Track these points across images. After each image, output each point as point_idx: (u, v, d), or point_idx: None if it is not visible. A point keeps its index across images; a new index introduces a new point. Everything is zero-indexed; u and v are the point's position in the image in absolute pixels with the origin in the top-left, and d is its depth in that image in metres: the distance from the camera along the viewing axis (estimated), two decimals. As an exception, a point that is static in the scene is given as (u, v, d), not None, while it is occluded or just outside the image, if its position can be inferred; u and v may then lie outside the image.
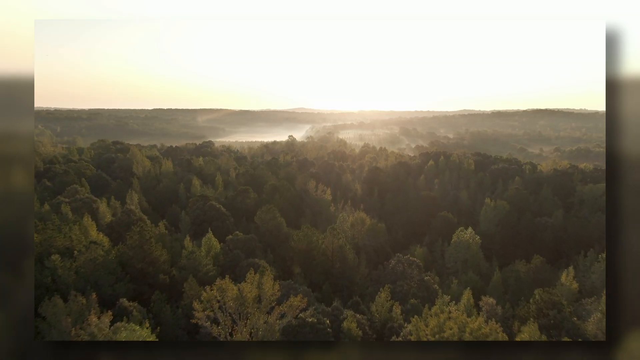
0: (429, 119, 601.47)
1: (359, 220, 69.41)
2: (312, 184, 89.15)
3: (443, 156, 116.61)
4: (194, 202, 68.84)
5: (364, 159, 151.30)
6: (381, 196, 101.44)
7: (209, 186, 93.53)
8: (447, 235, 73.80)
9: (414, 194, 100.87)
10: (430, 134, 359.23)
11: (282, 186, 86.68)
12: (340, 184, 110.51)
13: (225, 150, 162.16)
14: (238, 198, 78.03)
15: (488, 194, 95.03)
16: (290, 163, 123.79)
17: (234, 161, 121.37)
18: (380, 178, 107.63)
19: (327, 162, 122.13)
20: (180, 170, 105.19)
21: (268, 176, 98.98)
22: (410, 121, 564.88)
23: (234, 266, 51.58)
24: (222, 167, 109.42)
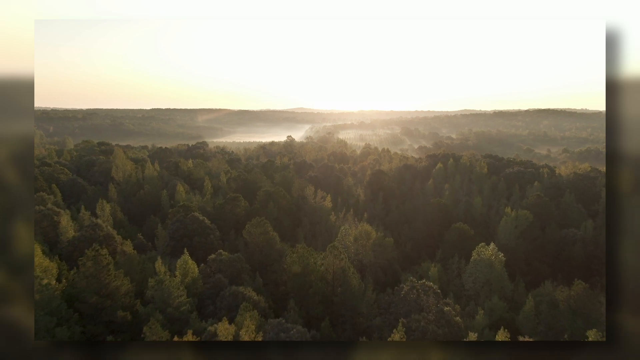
0: (430, 118, 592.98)
1: (363, 234, 60.66)
2: (310, 189, 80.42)
3: (452, 158, 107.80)
4: (173, 213, 60.06)
5: (366, 161, 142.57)
6: (386, 203, 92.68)
7: (197, 192, 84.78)
8: (462, 250, 65.15)
9: (422, 201, 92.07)
10: (433, 134, 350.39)
11: (277, 193, 77.89)
12: (341, 189, 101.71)
13: (219, 151, 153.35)
14: (226, 207, 69.25)
15: (503, 201, 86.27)
16: (288, 166, 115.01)
17: (227, 164, 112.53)
18: (384, 182, 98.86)
19: (327, 165, 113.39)
20: (167, 174, 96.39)
21: (262, 181, 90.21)
22: (412, 121, 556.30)
23: (215, 295, 42.86)
24: (213, 171, 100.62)
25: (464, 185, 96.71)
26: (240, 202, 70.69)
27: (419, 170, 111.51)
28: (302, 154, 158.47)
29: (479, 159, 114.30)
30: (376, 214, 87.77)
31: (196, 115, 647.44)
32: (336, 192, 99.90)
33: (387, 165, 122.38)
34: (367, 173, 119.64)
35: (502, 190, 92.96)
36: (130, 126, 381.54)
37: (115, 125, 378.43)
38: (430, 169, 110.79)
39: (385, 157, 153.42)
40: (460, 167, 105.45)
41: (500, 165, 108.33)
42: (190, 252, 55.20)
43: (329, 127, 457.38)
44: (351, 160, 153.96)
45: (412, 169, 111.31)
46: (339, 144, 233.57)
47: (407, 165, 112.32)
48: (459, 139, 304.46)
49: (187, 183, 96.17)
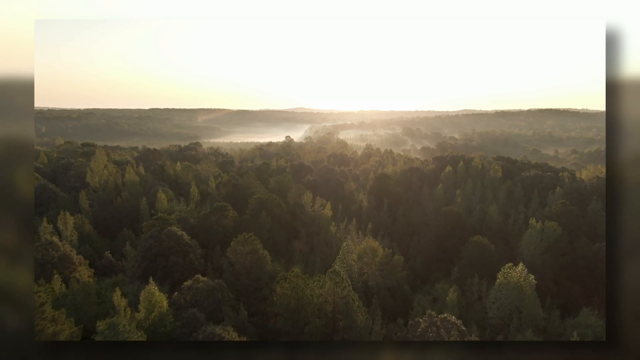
0: (432, 118, 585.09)
1: (368, 251, 52.28)
2: (308, 196, 72.02)
3: (463, 161, 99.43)
4: (147, 227, 51.65)
5: (368, 163, 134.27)
6: (392, 210, 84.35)
7: (183, 199, 76.40)
8: (481, 267, 56.93)
9: (431, 208, 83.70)
10: (436, 134, 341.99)
11: (271, 200, 69.52)
12: (342, 195, 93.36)
13: (213, 153, 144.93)
14: (212, 218, 60.87)
15: (522, 209, 77.89)
16: (284, 169, 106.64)
17: (218, 167, 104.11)
18: (389, 187, 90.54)
19: (327, 168, 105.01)
20: (151, 178, 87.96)
21: (255, 186, 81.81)
22: (413, 121, 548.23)
23: (187, 335, 34.47)
24: (202, 175, 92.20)
25: (477, 190, 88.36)
26: (228, 212, 62.30)
27: (426, 173, 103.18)
28: (300, 155, 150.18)
29: (491, 162, 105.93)
30: (381, 223, 79.41)
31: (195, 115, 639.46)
32: (336, 198, 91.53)
33: (391, 168, 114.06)
34: (370, 177, 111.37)
35: (519, 197, 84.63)
36: (125, 126, 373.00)
37: (110, 125, 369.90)
38: (439, 173, 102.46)
39: (389, 159, 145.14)
40: (471, 170, 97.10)
41: (514, 169, 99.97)
42: (164, 275, 46.94)
43: (329, 127, 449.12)
44: (352, 162, 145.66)
45: (418, 173, 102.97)
46: (339, 145, 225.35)
47: (413, 168, 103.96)
48: (462, 139, 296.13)
49: (174, 189, 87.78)
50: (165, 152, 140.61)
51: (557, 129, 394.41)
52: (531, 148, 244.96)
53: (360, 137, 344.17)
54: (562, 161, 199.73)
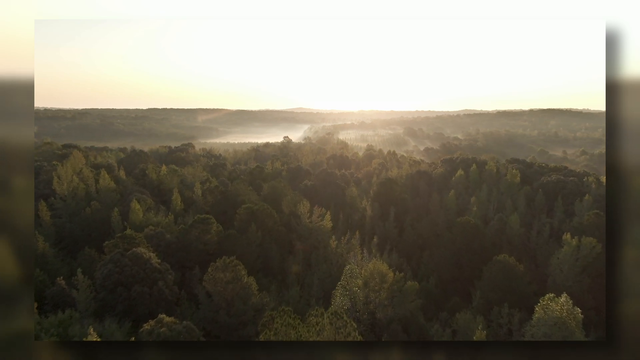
0: (433, 118, 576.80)
1: (376, 275, 43.52)
2: (304, 205, 63.24)
3: (476, 164, 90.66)
4: (110, 247, 42.90)
5: (371, 166, 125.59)
6: (399, 220, 75.62)
7: (163, 209, 67.71)
8: (508, 292, 48.31)
9: (443, 218, 75.01)
10: (438, 134, 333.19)
11: (262, 211, 60.80)
12: (343, 201, 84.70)
13: (205, 154, 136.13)
14: (192, 233, 52.15)
15: (546, 220, 69.18)
16: (280, 172, 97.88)
17: (208, 170, 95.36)
18: (395, 193, 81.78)
19: (326, 172, 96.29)
20: (131, 184, 79.24)
21: (246, 193, 73.08)
22: (414, 121, 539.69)
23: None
24: (187, 180, 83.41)
25: (492, 197, 79.64)
26: (212, 225, 53.55)
27: (434, 178, 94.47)
28: (298, 157, 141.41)
29: (504, 165, 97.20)
30: (387, 236, 70.70)
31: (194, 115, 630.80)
32: (337, 205, 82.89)
33: (396, 172, 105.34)
34: (374, 181, 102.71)
35: (541, 205, 75.96)
36: (120, 126, 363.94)
37: (104, 125, 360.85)
38: (448, 177, 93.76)
39: (392, 161, 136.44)
40: (485, 174, 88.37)
41: (531, 173, 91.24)
42: (126, 309, 38.13)
43: (329, 127, 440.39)
44: (353, 164, 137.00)
45: (426, 177, 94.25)
46: (339, 146, 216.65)
47: (421, 172, 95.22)
48: (466, 139, 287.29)
49: (156, 195, 79.05)
50: (153, 154, 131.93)
51: (562, 129, 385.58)
52: (538, 149, 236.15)
53: (361, 137, 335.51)
54: (573, 163, 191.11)
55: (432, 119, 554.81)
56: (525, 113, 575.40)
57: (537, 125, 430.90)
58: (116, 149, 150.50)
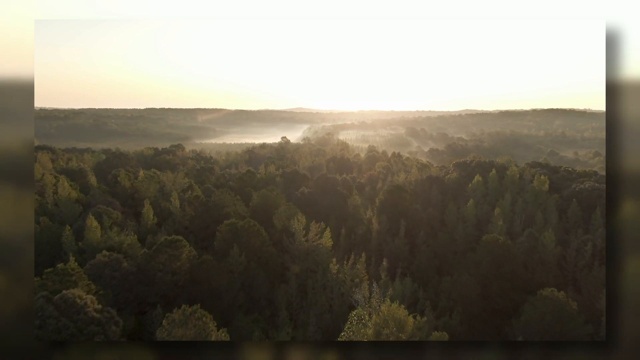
0: (434, 118, 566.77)
1: (391, 322, 32.86)
2: (300, 221, 52.54)
3: (495, 169, 79.93)
4: (38, 287, 32.17)
5: (375, 170, 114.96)
6: (410, 235, 65.04)
7: (134, 224, 57.15)
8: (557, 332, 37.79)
9: (462, 233, 64.44)
10: (442, 135, 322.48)
11: (248, 228, 50.16)
12: (345, 212, 74.10)
13: (194, 156, 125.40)
14: (158, 259, 41.48)
15: (587, 236, 58.51)
16: (274, 178, 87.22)
17: (193, 176, 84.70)
18: (404, 203, 71.16)
19: (326, 177, 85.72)
20: (101, 193, 68.62)
21: (232, 204, 62.51)
22: (415, 121, 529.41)
23: None
24: (167, 188, 72.76)
25: (518, 208, 69.04)
26: (182, 249, 42.89)
27: (448, 184, 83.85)
28: (295, 159, 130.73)
29: (525, 168, 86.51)
30: (397, 255, 60.12)
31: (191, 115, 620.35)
32: (338, 216, 72.34)
33: (404, 177, 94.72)
34: (379, 187, 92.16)
35: (576, 218, 65.37)
36: (113, 126, 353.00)
37: (97, 125, 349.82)
38: (463, 183, 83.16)
39: (397, 164, 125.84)
40: (506, 181, 77.76)
41: (557, 179, 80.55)
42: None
43: (328, 127, 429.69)
44: (355, 167, 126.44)
45: (438, 183, 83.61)
46: (339, 146, 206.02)
47: (432, 178, 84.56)
48: (471, 140, 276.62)
49: (130, 206, 68.46)
50: (138, 157, 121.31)
51: (568, 129, 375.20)
52: (548, 150, 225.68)
53: (362, 137, 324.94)
54: (587, 165, 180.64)
55: (434, 119, 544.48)
56: (528, 113, 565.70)
57: (542, 126, 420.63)
58: (99, 151, 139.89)
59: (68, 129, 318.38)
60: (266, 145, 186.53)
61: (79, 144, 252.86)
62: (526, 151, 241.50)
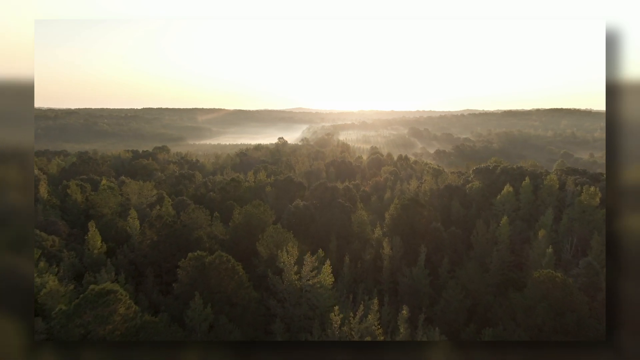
0: (437, 118, 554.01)
1: None
2: (289, 254, 39.14)
3: (530, 177, 66.57)
4: None
5: (380, 175, 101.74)
6: (432, 262, 51.88)
7: (74, 255, 43.85)
8: None
9: (497, 260, 51.24)
10: (446, 135, 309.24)
11: (218, 266, 36.91)
12: (348, 231, 60.89)
13: (178, 160, 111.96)
14: (81, 317, 28.13)
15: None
16: (264, 187, 73.92)
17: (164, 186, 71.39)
18: (422, 220, 58.00)
19: (325, 186, 72.59)
20: (48, 208, 55.34)
21: (207, 225, 49.23)
22: (417, 121, 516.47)
23: None
24: (132, 202, 59.47)
25: (562, 227, 55.86)
26: (118, 303, 29.55)
27: (471, 195, 70.64)
28: (291, 163, 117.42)
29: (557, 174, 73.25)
30: (419, 295, 46.86)
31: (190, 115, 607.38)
32: (341, 236, 59.17)
33: (415, 185, 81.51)
34: (386, 197, 78.98)
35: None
36: (104, 126, 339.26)
37: (87, 126, 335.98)
38: (489, 194, 70.00)
39: (405, 168, 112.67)
40: (544, 192, 64.55)
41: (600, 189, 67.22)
42: None
43: (328, 127, 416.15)
44: (358, 172, 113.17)
45: (459, 194, 70.39)
46: (339, 148, 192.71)
47: (452, 188, 71.26)
48: (479, 140, 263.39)
49: (82, 226, 55.15)
50: (115, 160, 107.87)
51: (577, 129, 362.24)
52: (561, 151, 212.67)
53: (363, 138, 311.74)
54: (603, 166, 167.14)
55: (436, 119, 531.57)
56: (532, 113, 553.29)
57: (549, 126, 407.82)
58: (75, 153, 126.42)
59: (55, 130, 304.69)
60: (261, 146, 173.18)
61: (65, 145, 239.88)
62: (537, 152, 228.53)
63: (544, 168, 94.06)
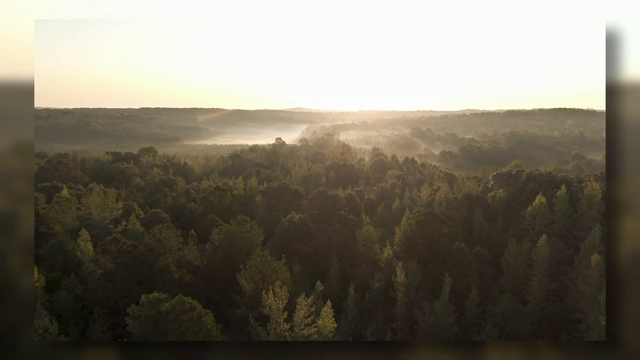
0: (438, 118, 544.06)
1: None
2: (277, 298, 29.23)
3: (566, 185, 56.67)
4: None
5: (386, 180, 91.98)
6: (456, 297, 42.05)
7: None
8: None
9: (536, 292, 41.36)
10: (450, 135, 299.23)
11: (178, 316, 26.93)
12: (352, 253, 51.05)
13: (164, 164, 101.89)
14: None
15: None
16: (254, 196, 64.02)
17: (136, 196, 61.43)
18: (442, 239, 48.15)
19: (325, 195, 62.82)
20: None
21: (176, 249, 39.30)
22: (418, 121, 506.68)
23: None
24: (93, 218, 49.47)
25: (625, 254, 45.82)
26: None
27: (495, 206, 60.82)
28: (288, 166, 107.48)
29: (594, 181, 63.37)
30: (442, 333, 36.98)
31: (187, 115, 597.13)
32: (344, 258, 49.46)
33: (427, 193, 71.64)
34: (395, 207, 69.36)
35: None
36: (97, 126, 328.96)
37: (80, 125, 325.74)
38: (516, 205, 60.20)
39: (413, 172, 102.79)
40: (583, 204, 54.69)
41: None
42: None
43: (328, 127, 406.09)
44: (362, 176, 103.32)
45: (481, 204, 60.58)
46: (340, 149, 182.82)
47: (472, 198, 61.38)
48: (485, 141, 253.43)
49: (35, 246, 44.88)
50: (93, 163, 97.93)
51: (583, 129, 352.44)
52: (573, 152, 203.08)
53: (364, 138, 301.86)
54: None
55: (438, 119, 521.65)
56: (536, 112, 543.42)
57: (554, 126, 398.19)
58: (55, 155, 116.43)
59: (46, 130, 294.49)
60: (257, 148, 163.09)
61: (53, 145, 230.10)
62: (547, 154, 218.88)
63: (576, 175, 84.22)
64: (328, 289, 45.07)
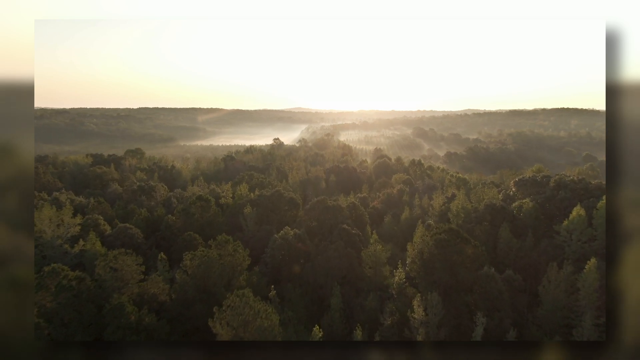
0: (440, 118, 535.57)
1: None
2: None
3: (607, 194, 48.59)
4: None
5: (393, 186, 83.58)
6: (490, 330, 33.54)
7: None
8: None
9: (587, 329, 32.85)
10: (454, 135, 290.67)
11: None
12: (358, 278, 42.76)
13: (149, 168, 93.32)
14: None
15: None
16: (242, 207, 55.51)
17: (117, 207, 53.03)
18: (467, 262, 39.75)
19: (325, 205, 54.44)
20: None
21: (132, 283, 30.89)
22: (420, 121, 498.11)
23: None
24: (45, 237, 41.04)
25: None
26: None
27: (521, 219, 52.42)
28: (285, 169, 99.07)
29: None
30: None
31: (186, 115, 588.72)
32: (348, 283, 41.25)
33: (440, 201, 63.26)
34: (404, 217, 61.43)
35: None
36: (91, 126, 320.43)
37: (73, 126, 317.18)
38: (545, 218, 51.82)
39: (421, 176, 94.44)
40: (630, 217, 46.22)
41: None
42: None
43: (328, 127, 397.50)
44: (364, 180, 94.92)
45: (508, 217, 52.16)
46: (340, 150, 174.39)
47: (496, 209, 52.90)
48: (492, 141, 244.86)
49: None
50: (72, 166, 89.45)
51: (589, 129, 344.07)
52: (583, 153, 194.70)
53: (365, 138, 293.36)
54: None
55: (440, 119, 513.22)
56: (539, 112, 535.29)
57: (559, 126, 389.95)
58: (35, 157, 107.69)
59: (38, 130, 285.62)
60: (253, 148, 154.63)
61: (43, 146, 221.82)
62: (555, 154, 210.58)
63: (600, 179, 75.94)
64: (328, 323, 36.85)
